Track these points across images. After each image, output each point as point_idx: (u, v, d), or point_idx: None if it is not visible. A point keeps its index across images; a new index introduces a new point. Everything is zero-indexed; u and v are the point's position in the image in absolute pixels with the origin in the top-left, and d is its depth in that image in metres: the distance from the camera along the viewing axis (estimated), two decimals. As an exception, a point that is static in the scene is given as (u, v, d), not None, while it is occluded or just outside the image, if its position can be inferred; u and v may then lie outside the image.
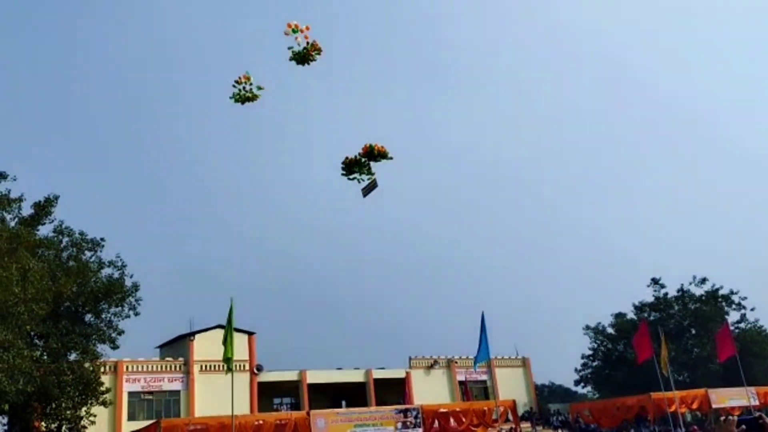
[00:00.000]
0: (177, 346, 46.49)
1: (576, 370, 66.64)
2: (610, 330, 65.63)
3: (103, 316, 35.75)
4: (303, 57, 12.46)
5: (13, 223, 32.23)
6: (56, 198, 34.66)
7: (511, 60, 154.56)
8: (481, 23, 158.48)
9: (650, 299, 65.07)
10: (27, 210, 33.63)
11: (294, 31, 12.32)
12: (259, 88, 12.75)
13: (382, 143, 12.90)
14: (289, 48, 12.59)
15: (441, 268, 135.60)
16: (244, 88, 12.71)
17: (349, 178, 12.85)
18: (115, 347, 35.89)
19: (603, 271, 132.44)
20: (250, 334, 46.61)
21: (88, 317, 35.90)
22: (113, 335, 35.41)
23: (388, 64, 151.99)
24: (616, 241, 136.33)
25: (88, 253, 36.09)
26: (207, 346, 43.45)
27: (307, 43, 12.47)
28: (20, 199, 32.71)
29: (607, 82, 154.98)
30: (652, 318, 61.48)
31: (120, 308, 35.65)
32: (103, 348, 35.33)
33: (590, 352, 66.03)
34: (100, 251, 36.31)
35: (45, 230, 34.54)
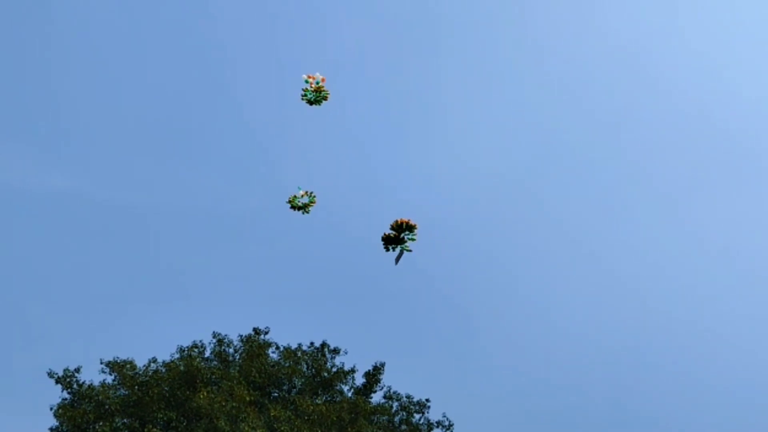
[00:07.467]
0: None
1: None
2: None
3: (440, 478, 36.22)
4: (313, 101, 14.87)
5: (349, 394, 35.18)
6: (382, 365, 37.09)
7: None
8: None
9: None
10: (359, 380, 36.43)
11: (306, 82, 14.82)
12: (311, 201, 14.85)
13: None
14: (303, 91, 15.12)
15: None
16: (297, 198, 14.74)
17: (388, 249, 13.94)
18: None
19: None
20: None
21: (428, 480, 36.61)
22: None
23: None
24: None
25: (416, 416, 37.58)
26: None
27: (318, 91, 14.87)
28: (353, 371, 35.67)
29: None
30: None
31: (455, 469, 35.95)
32: None
33: None
34: (427, 412, 37.66)
35: (376, 397, 36.83)
